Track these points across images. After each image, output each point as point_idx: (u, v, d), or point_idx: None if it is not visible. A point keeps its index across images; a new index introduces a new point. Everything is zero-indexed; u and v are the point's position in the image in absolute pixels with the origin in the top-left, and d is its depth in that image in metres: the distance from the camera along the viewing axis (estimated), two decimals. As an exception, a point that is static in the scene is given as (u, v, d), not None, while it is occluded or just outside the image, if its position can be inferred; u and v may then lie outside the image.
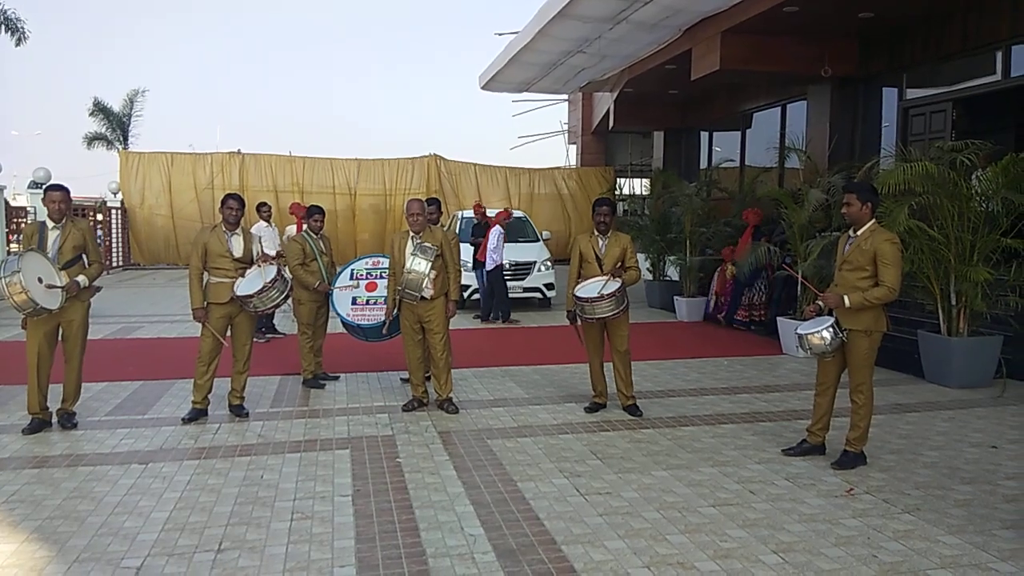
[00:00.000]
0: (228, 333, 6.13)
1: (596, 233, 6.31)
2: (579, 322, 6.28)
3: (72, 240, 5.70)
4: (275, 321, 10.21)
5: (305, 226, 7.60)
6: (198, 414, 6.07)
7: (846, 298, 4.83)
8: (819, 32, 11.81)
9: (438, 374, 6.33)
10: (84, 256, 5.83)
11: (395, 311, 6.49)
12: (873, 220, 5.03)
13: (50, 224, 5.70)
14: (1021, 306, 7.04)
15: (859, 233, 5.01)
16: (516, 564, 3.60)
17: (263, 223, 10.11)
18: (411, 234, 6.26)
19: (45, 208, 5.69)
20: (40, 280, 5.33)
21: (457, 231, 13.28)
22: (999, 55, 10.20)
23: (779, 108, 15.04)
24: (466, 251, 11.42)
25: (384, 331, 6.92)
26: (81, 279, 5.66)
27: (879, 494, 4.52)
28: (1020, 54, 9.92)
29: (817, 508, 4.30)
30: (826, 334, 4.94)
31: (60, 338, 5.78)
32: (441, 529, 3.99)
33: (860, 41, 12.21)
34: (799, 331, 5.12)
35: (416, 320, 6.32)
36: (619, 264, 6.16)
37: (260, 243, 6.41)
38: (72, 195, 5.92)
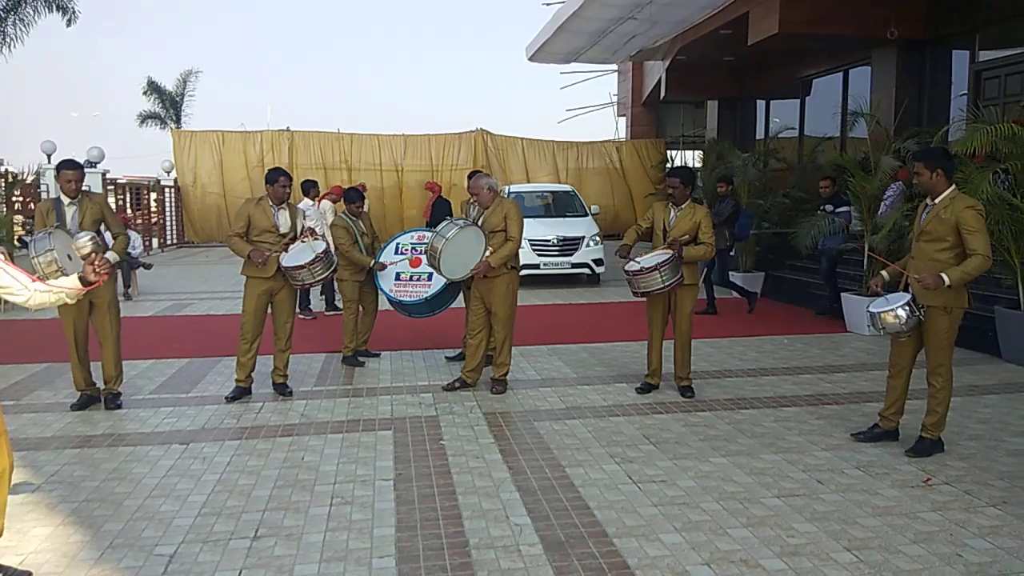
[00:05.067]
0: (269, 311, 6.01)
1: (670, 204, 5.99)
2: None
3: (91, 215, 5.56)
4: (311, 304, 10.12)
5: (343, 208, 7.44)
6: (241, 392, 5.98)
7: (945, 276, 4.37)
8: (886, -9, 11.14)
9: (496, 350, 6.13)
10: (104, 231, 5.71)
11: (447, 282, 6.32)
12: (952, 187, 4.61)
13: (66, 200, 5.55)
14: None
15: (937, 201, 4.59)
16: (565, 558, 3.37)
17: (308, 201, 10.01)
18: (472, 207, 6.13)
19: (59, 185, 5.55)
20: (70, 257, 5.22)
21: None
22: (1084, 10, 9.47)
23: (841, 74, 14.33)
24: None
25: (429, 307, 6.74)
26: (111, 256, 5.56)
27: (959, 485, 4.16)
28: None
29: (892, 500, 3.97)
30: (902, 312, 4.55)
31: (91, 316, 5.69)
32: (485, 518, 3.78)
33: (928, 1, 11.50)
34: (871, 309, 4.72)
35: (478, 296, 6.09)
36: (687, 238, 5.80)
37: (304, 217, 6.26)
38: (127, 175, 5.80)
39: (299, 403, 5.86)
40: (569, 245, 12.61)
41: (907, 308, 4.53)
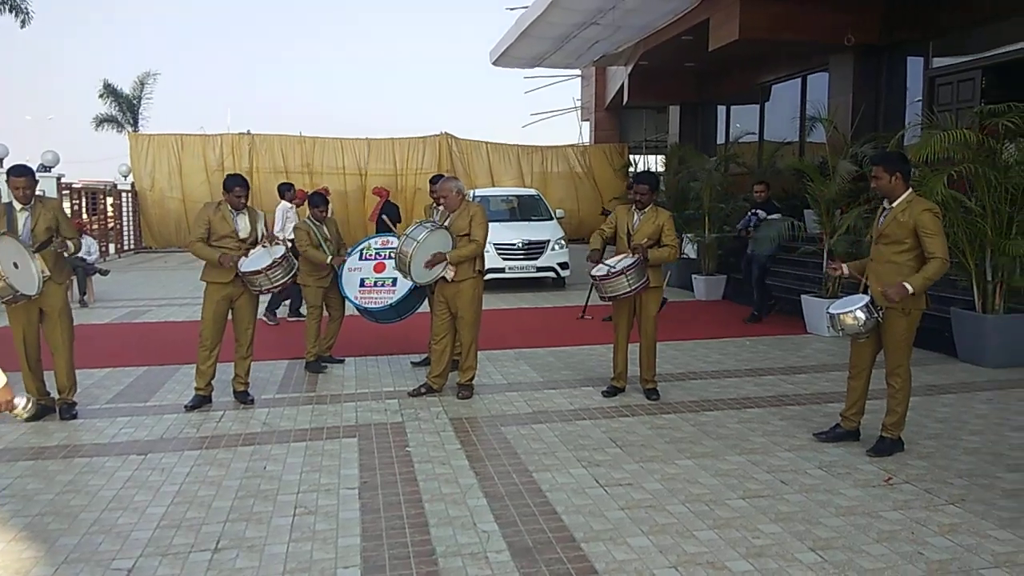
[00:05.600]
0: (229, 317, 5.90)
1: (633, 208, 6.02)
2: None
3: (44, 221, 5.40)
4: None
5: (308, 213, 7.34)
6: (201, 401, 5.86)
7: (908, 285, 4.44)
8: (842, -1, 11.37)
9: (462, 355, 6.10)
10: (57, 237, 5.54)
11: (412, 286, 6.27)
12: (909, 190, 4.69)
13: (18, 206, 5.37)
14: (1063, 281, 6.69)
15: (895, 205, 4.67)
16: (533, 564, 3.35)
17: (287, 204, 9.91)
18: (436, 211, 6.09)
19: (9, 191, 5.38)
20: (16, 265, 5.05)
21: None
22: (1032, 19, 9.75)
23: (799, 79, 14.59)
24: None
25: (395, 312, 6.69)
26: (70, 244, 5.44)
27: (920, 483, 4.23)
28: (1055, 18, 9.48)
29: (855, 500, 4.02)
30: (860, 314, 4.62)
31: (41, 324, 5.53)
32: (452, 525, 3.74)
33: (884, 8, 11.75)
34: (831, 310, 4.79)
35: (443, 300, 6.05)
36: (650, 242, 5.84)
37: (266, 223, 6.16)
38: (83, 179, 5.66)
39: (261, 411, 5.76)
40: (534, 249, 12.62)
41: (866, 310, 4.60)
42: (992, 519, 3.74)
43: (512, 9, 18.30)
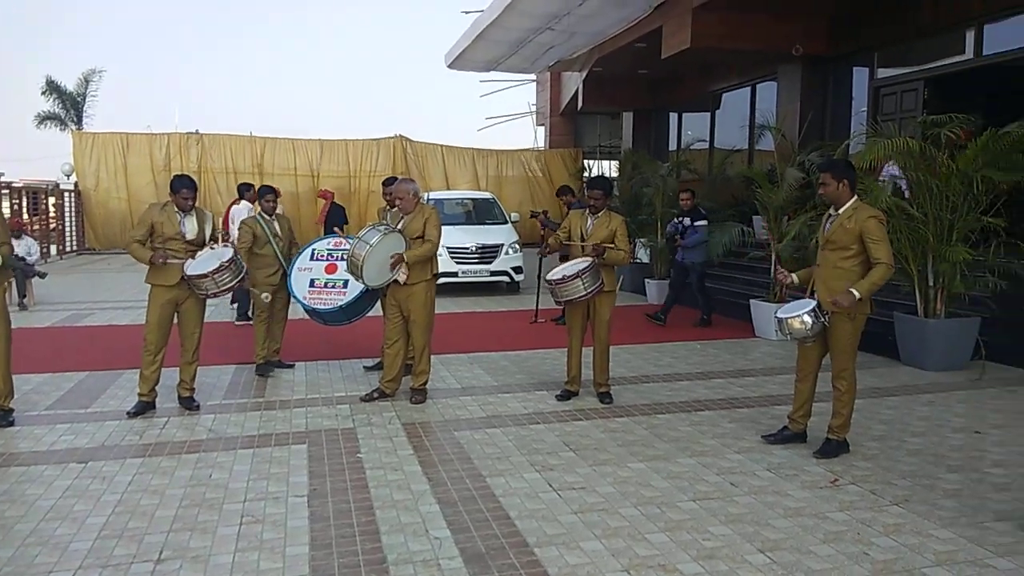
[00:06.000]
0: (175, 320, 5.75)
1: (587, 212, 6.04)
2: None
3: None
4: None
5: (258, 208, 7.19)
6: (145, 407, 5.69)
7: (855, 291, 4.54)
8: (790, 10, 11.62)
9: (415, 359, 6.03)
10: None
11: (363, 289, 6.21)
12: (855, 197, 4.80)
13: None
14: (999, 287, 6.91)
15: (841, 212, 4.78)
16: (485, 570, 3.32)
17: (247, 204, 9.76)
18: (387, 213, 6.01)
19: None
20: None
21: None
22: (971, 33, 10.10)
23: (749, 88, 14.88)
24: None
25: (344, 315, 6.60)
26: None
27: (865, 484, 4.32)
28: (992, 32, 9.83)
29: (802, 501, 4.08)
30: (807, 318, 4.71)
31: None
32: (404, 532, 3.70)
33: (831, 20, 12.05)
34: (778, 315, 4.88)
35: (395, 303, 5.98)
36: (604, 245, 5.86)
37: (214, 223, 6.02)
38: (23, 178, 5.44)
39: (207, 417, 5.62)
40: (488, 253, 12.55)
41: (812, 314, 4.70)
42: (934, 519, 3.84)
43: (467, 12, 18.28)
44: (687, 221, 9.72)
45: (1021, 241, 6.82)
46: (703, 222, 9.64)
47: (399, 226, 5.89)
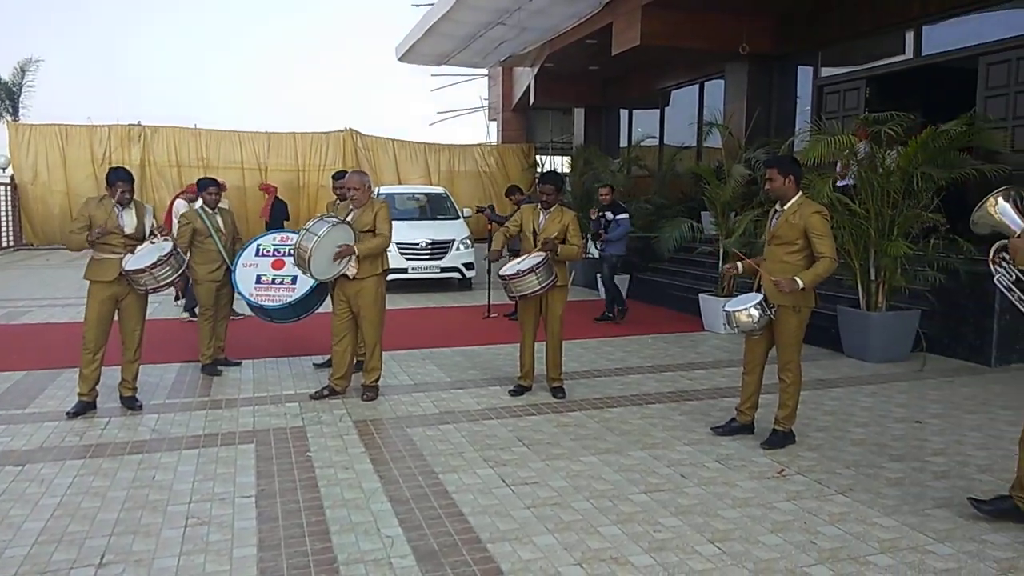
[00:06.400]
0: (115, 317, 5.58)
1: (539, 207, 6.04)
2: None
3: None
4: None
5: (199, 201, 7.00)
6: (85, 407, 5.51)
7: (799, 280, 4.64)
8: (737, 9, 11.79)
9: (367, 356, 5.95)
10: None
11: (313, 285, 6.10)
12: (800, 193, 4.90)
13: None
14: (938, 281, 7.13)
15: (786, 207, 4.87)
16: (438, 567, 3.29)
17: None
18: (336, 205, 5.90)
19: None
20: None
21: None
22: (909, 34, 10.38)
23: (697, 86, 15.06)
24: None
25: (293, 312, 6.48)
26: None
27: (811, 474, 4.42)
28: (930, 33, 10.11)
29: (750, 491, 4.15)
30: (754, 311, 4.80)
31: None
32: (355, 531, 3.65)
33: (777, 20, 12.27)
34: (726, 308, 4.97)
35: (344, 299, 5.89)
36: (557, 240, 5.88)
37: (154, 217, 5.85)
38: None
39: (150, 417, 5.47)
40: (439, 249, 12.40)
41: (759, 307, 4.79)
42: (878, 507, 3.94)
43: (418, 6, 18.13)
44: (609, 215, 9.77)
45: (959, 236, 7.04)
46: (624, 215, 9.70)
47: (348, 219, 5.80)
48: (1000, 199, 3.58)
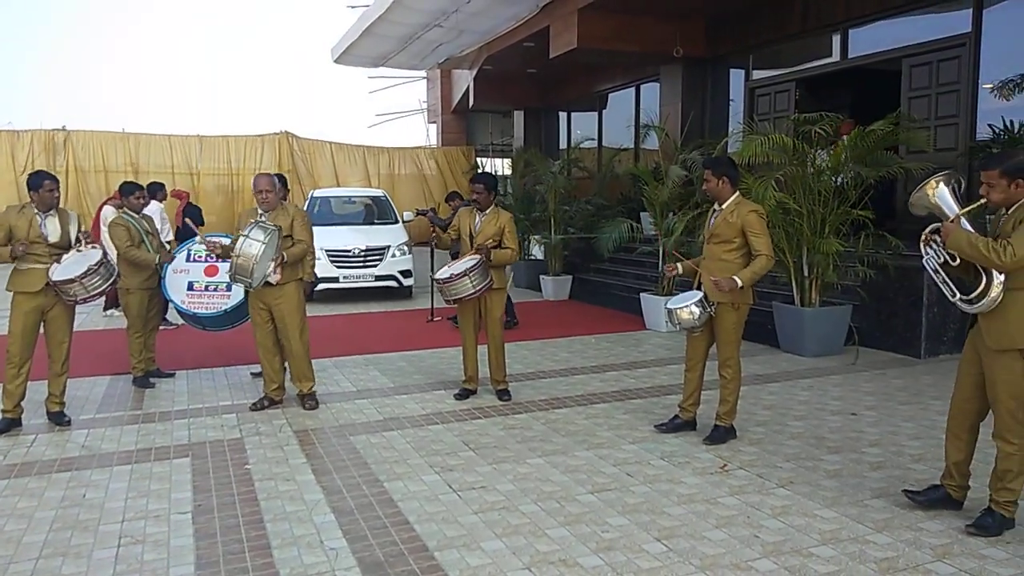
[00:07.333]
0: (41, 330, 5.33)
1: (475, 210, 5.99)
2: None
3: None
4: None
5: (124, 207, 6.72)
6: (9, 425, 5.24)
7: (737, 279, 4.72)
8: (671, 13, 11.98)
9: (295, 366, 5.79)
10: None
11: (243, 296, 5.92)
12: (737, 193, 4.99)
13: None
14: (869, 276, 7.35)
15: (724, 207, 4.95)
16: (384, 578, 3.23)
17: (157, 204, 9.25)
18: (258, 213, 5.67)
19: None
20: None
21: (313, 212, 12.37)
22: (836, 37, 10.70)
23: (633, 88, 15.25)
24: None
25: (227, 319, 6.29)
26: None
27: (752, 469, 4.49)
28: (856, 36, 10.44)
29: (695, 487, 4.20)
30: (695, 308, 4.87)
31: None
32: (297, 545, 3.55)
33: (708, 23, 12.51)
34: (668, 306, 5.04)
35: (263, 308, 5.72)
36: (493, 242, 5.85)
37: (79, 223, 5.61)
38: None
39: (79, 433, 5.24)
40: (372, 256, 11.47)
41: (700, 304, 4.86)
42: (818, 499, 4.03)
43: (353, 7, 17.91)
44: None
45: (888, 232, 7.27)
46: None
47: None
48: (941, 184, 3.66)
